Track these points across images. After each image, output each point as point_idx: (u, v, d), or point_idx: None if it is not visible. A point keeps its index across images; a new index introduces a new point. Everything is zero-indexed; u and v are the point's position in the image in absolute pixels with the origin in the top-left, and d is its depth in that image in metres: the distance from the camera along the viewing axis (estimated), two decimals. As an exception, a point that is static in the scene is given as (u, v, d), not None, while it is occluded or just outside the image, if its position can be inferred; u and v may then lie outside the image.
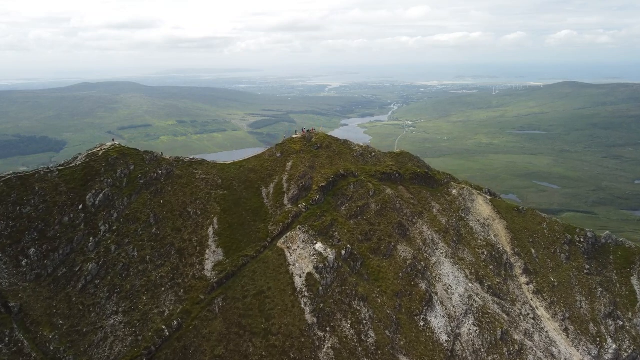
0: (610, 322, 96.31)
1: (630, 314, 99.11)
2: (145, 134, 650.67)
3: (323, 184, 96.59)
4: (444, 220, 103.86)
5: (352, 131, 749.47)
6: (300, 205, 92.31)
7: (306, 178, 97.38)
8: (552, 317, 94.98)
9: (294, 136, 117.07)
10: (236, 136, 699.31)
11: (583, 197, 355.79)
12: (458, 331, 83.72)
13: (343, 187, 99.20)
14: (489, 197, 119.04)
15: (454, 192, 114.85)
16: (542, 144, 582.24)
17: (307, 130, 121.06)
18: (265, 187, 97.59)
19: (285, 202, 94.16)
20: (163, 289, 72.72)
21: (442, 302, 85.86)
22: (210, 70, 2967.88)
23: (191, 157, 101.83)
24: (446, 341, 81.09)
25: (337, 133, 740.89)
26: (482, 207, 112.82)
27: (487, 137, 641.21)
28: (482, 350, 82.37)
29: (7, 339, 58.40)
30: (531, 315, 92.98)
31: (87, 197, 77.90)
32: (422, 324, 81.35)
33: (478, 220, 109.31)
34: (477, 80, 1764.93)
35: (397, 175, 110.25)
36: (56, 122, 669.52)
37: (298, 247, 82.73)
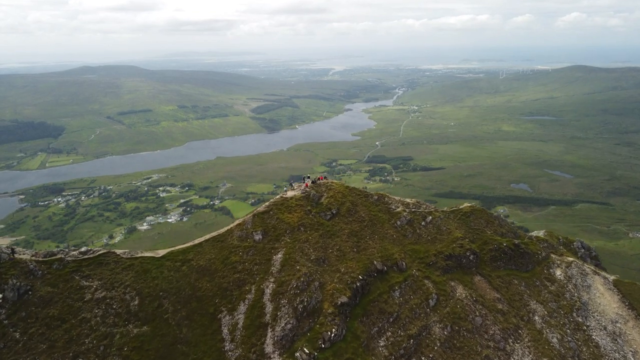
0: None
1: None
2: (145, 119, 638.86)
3: (344, 299, 54.80)
4: (555, 339, 62.53)
5: (357, 116, 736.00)
6: (298, 354, 49.78)
7: (310, 290, 55.10)
8: None
9: (290, 193, 72.78)
10: (238, 121, 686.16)
11: (597, 186, 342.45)
12: None
13: (381, 297, 58.47)
14: (611, 278, 74.53)
15: (558, 273, 72.57)
16: (552, 130, 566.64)
17: (313, 181, 76.39)
18: (228, 313, 54.04)
19: (269, 347, 50.74)
20: None
21: None
22: (214, 53, 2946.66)
23: (80, 250, 57.82)
24: None
25: (341, 118, 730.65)
26: (604, 299, 70.32)
27: (495, 123, 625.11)
28: None
29: None
30: None
31: None
32: None
33: (604, 327, 66.35)
34: (484, 64, 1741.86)
35: (471, 257, 68.18)
36: (55, 107, 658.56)
37: None
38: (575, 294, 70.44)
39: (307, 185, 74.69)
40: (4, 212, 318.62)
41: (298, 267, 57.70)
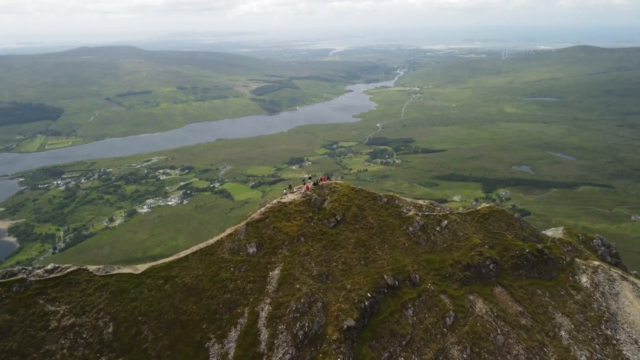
0: None
1: None
2: (144, 101, 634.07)
3: (351, 322, 47.79)
4: (583, 357, 55.97)
5: (358, 97, 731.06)
6: None
7: (312, 312, 48.25)
8: None
9: (289, 197, 64.81)
10: (238, 103, 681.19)
11: (599, 169, 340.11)
12: None
13: (392, 317, 51.64)
14: (640, 283, 67.39)
15: (584, 280, 65.43)
16: (554, 111, 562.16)
17: (315, 183, 68.33)
18: (217, 340, 46.80)
19: (265, 381, 44.32)
20: None
21: None
22: (213, 33, 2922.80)
23: (46, 269, 49.08)
24: None
25: (342, 99, 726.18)
26: (633, 308, 63.12)
27: (498, 104, 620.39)
28: None
29: None
30: None
31: None
32: None
33: (635, 341, 59.46)
34: (486, 44, 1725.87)
35: (491, 266, 61.28)
36: (53, 88, 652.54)
37: None
38: (603, 304, 63.27)
39: (307, 188, 66.04)
40: (3, 194, 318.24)
41: (298, 286, 50.38)
